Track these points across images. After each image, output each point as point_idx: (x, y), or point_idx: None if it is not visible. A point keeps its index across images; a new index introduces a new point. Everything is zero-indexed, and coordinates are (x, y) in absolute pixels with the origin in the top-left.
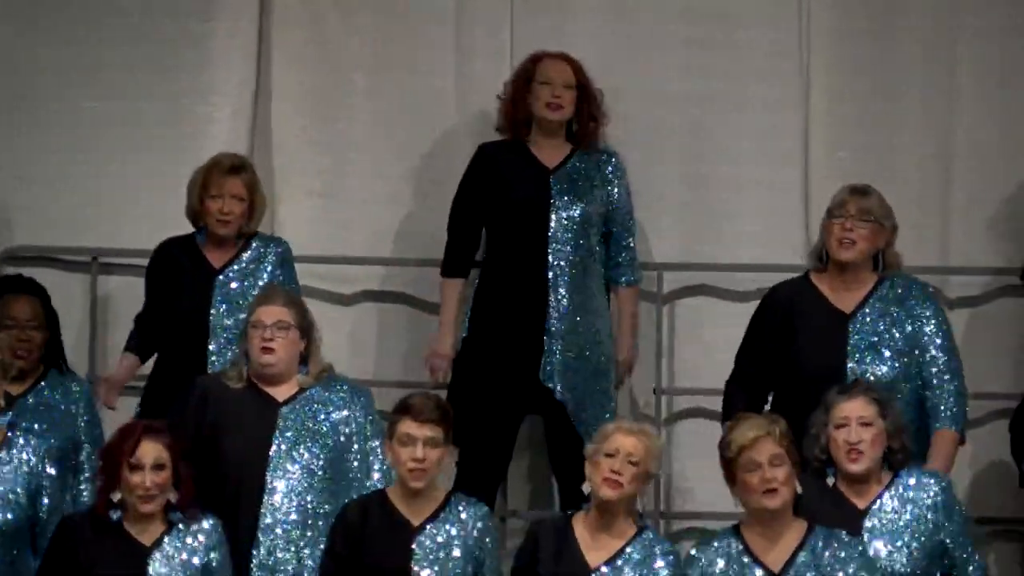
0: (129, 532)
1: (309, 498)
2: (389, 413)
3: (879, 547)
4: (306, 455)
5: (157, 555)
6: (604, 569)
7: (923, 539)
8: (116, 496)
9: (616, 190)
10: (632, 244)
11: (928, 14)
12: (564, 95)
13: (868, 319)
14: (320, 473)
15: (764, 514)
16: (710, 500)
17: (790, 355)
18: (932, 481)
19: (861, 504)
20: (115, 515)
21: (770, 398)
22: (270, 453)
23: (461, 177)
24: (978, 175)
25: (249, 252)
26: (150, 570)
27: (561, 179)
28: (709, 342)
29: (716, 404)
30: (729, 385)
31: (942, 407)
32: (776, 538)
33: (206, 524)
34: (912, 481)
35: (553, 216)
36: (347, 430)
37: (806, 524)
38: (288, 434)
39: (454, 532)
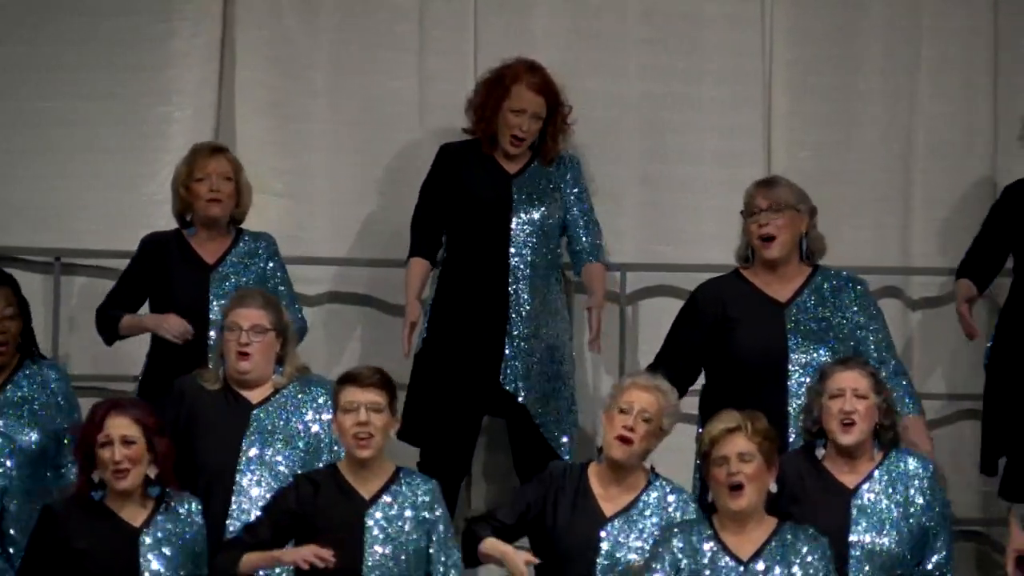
0: (116, 513)
1: None
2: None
3: (866, 527)
4: (277, 457)
5: (148, 537)
6: (619, 521)
7: (910, 522)
8: (96, 477)
9: (572, 189)
10: (593, 230)
11: (889, 15)
12: (531, 128)
13: (804, 307)
14: (290, 474)
15: (732, 514)
16: None
17: (727, 345)
18: (921, 465)
19: (850, 483)
20: (97, 495)
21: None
22: (240, 455)
23: (424, 177)
24: (939, 176)
25: (241, 246)
26: (142, 551)
27: (522, 184)
28: None
29: None
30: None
31: (907, 398)
32: (746, 532)
33: (193, 505)
34: (902, 463)
35: (515, 219)
36: (318, 431)
37: (776, 520)
38: (259, 436)
39: (405, 504)
